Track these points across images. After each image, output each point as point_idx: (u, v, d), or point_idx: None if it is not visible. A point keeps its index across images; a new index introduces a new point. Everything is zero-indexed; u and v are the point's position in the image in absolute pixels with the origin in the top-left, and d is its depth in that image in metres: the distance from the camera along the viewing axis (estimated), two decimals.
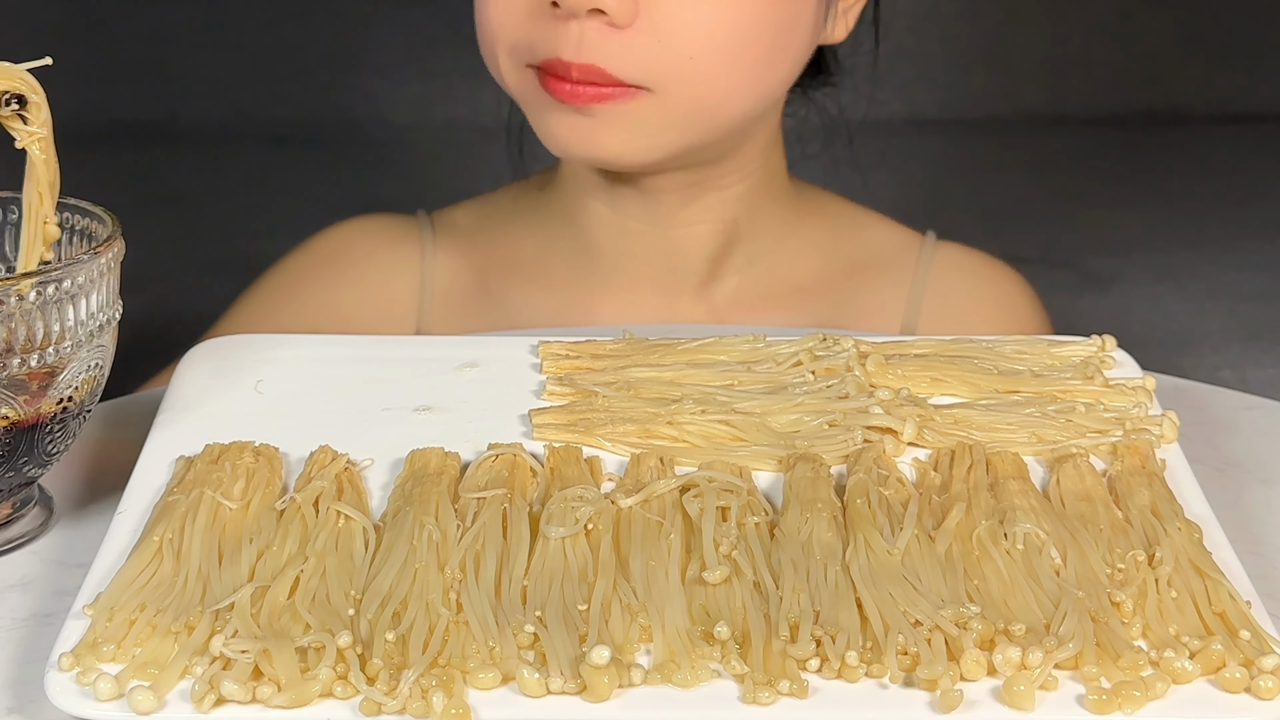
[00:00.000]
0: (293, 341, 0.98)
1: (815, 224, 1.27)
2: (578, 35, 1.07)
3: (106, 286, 0.83)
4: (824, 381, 0.91)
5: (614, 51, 1.07)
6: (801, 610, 0.72)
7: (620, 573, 0.75)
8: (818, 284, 1.25)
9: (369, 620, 0.71)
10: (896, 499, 0.81)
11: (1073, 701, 0.68)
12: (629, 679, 0.69)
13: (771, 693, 0.68)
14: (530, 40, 1.10)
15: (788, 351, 0.94)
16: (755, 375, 0.92)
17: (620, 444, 0.87)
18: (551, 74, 1.09)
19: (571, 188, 1.22)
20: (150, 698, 0.67)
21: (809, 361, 0.93)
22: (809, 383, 0.91)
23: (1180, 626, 0.72)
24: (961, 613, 0.71)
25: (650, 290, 1.22)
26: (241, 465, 0.82)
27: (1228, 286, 2.06)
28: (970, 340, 0.96)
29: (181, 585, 0.74)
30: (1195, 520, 0.80)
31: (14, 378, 0.80)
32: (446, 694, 0.67)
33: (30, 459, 0.82)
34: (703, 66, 1.09)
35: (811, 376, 0.92)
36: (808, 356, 0.93)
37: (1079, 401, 0.90)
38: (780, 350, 0.94)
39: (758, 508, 0.80)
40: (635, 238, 1.21)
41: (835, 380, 0.91)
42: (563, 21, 1.07)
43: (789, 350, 0.94)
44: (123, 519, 0.80)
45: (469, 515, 0.79)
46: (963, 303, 1.27)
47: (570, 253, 1.23)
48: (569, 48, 1.07)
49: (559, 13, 1.07)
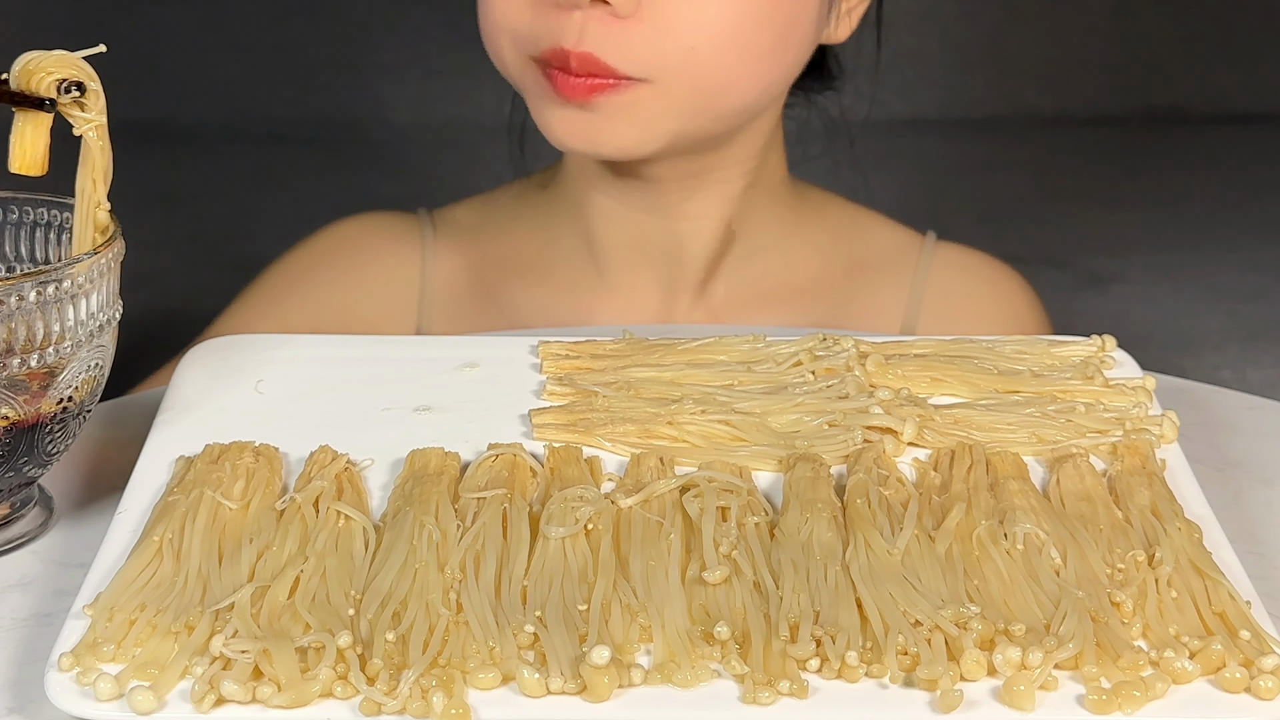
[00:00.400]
0: (293, 341, 0.98)
1: (815, 224, 1.27)
2: (580, 25, 1.08)
3: (106, 286, 0.83)
4: (824, 381, 0.91)
5: (615, 42, 1.08)
6: (801, 610, 0.72)
7: (620, 573, 0.75)
8: (817, 284, 1.26)
9: (369, 620, 0.71)
10: (896, 499, 0.81)
11: (1073, 701, 0.68)
12: (629, 679, 0.69)
13: (771, 693, 0.68)
14: (533, 30, 1.10)
15: (788, 351, 0.94)
16: (755, 375, 0.92)
17: (620, 444, 0.87)
18: (553, 66, 1.09)
19: (575, 182, 1.22)
20: (150, 698, 0.67)
21: (809, 362, 0.93)
22: (809, 383, 0.91)
23: (1180, 626, 0.72)
24: (961, 613, 0.71)
25: (651, 288, 1.22)
26: (241, 465, 0.82)
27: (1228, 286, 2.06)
28: (970, 340, 0.96)
29: (181, 585, 0.74)
30: (1195, 520, 0.80)
31: (14, 378, 0.80)
32: (446, 694, 0.67)
33: (30, 459, 0.82)
34: (703, 58, 1.09)
35: (812, 377, 0.92)
36: (808, 356, 0.93)
37: (1079, 401, 0.90)
38: (780, 350, 0.94)
39: (758, 508, 0.80)
40: (638, 230, 1.21)
41: (835, 380, 0.91)
42: (566, 11, 1.08)
43: (789, 350, 0.94)
44: (123, 519, 0.80)
45: (469, 515, 0.79)
46: (963, 303, 1.27)
47: (572, 250, 1.24)
48: (570, 37, 1.08)
49: (562, 2, 1.08)
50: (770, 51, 1.12)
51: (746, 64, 1.11)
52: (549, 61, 1.10)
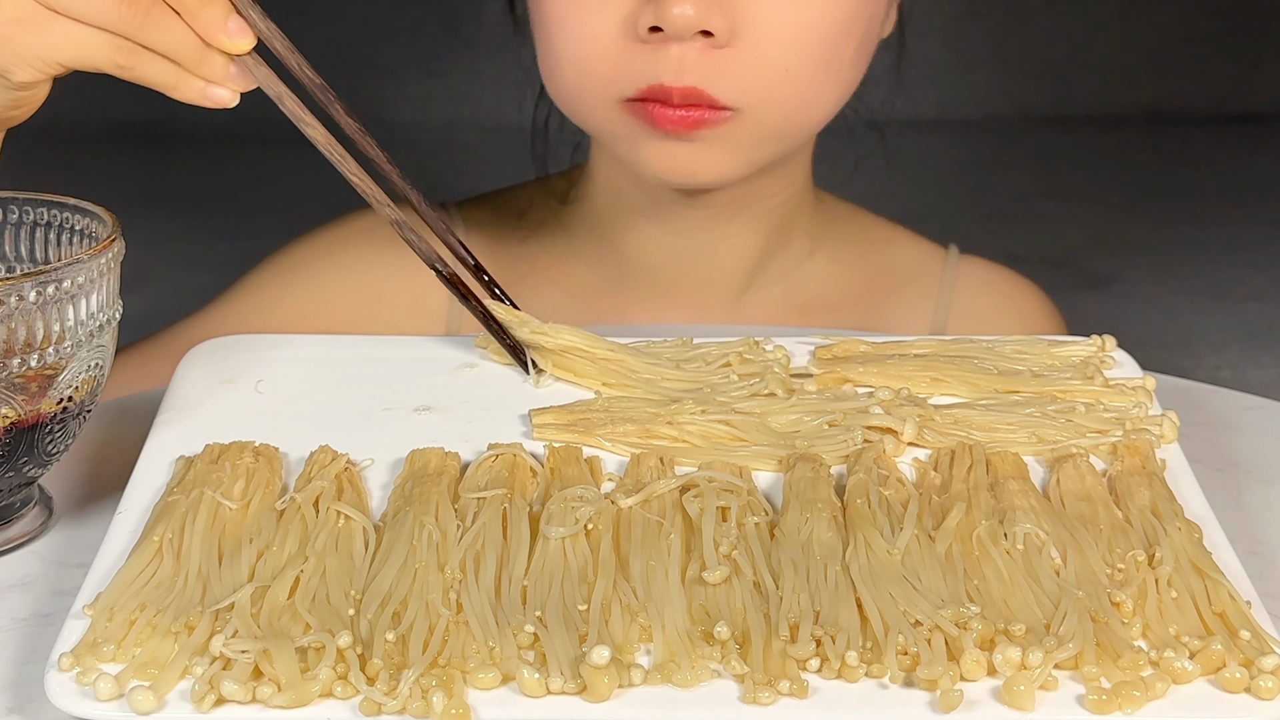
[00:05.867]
0: (293, 341, 0.98)
1: (842, 236, 1.27)
2: (678, 59, 1.05)
3: (106, 286, 0.83)
4: (747, 381, 0.91)
5: (714, 73, 1.05)
6: (801, 610, 0.72)
7: (620, 573, 0.75)
8: (845, 297, 1.25)
9: (369, 620, 0.71)
10: (896, 499, 0.81)
11: (1073, 701, 0.68)
12: (629, 679, 0.69)
13: (771, 693, 0.68)
14: (624, 71, 1.07)
15: (717, 354, 0.94)
16: (683, 373, 0.92)
17: (620, 444, 0.87)
18: (652, 101, 1.07)
19: (606, 203, 1.21)
20: (150, 698, 0.67)
21: (738, 364, 0.93)
22: (733, 383, 0.91)
23: (1180, 626, 0.72)
24: (961, 613, 0.71)
25: (681, 303, 1.22)
26: (241, 465, 0.82)
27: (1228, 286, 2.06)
28: (970, 340, 0.96)
29: (181, 585, 0.74)
30: (1195, 520, 0.80)
31: (14, 378, 0.80)
32: (446, 694, 0.67)
33: (30, 459, 0.82)
34: (796, 80, 1.07)
35: (735, 378, 0.92)
36: (737, 360, 0.93)
37: (1079, 401, 0.90)
38: (710, 352, 0.94)
39: (758, 508, 0.80)
40: (674, 253, 1.20)
41: (757, 379, 0.91)
42: (661, 46, 1.05)
43: (719, 352, 0.94)
44: (123, 519, 0.80)
45: (469, 515, 0.79)
46: (987, 317, 1.27)
47: (598, 265, 1.22)
48: (669, 72, 1.05)
49: (658, 38, 1.05)
50: (851, 60, 1.10)
51: (831, 77, 1.09)
52: (647, 98, 1.07)
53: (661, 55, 1.05)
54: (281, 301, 1.26)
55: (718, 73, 1.05)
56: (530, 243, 1.26)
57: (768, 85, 1.07)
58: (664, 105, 1.06)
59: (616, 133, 1.10)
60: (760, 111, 1.08)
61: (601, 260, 1.22)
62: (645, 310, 1.22)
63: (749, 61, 1.06)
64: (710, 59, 1.05)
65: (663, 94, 1.06)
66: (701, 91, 1.06)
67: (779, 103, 1.08)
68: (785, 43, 1.06)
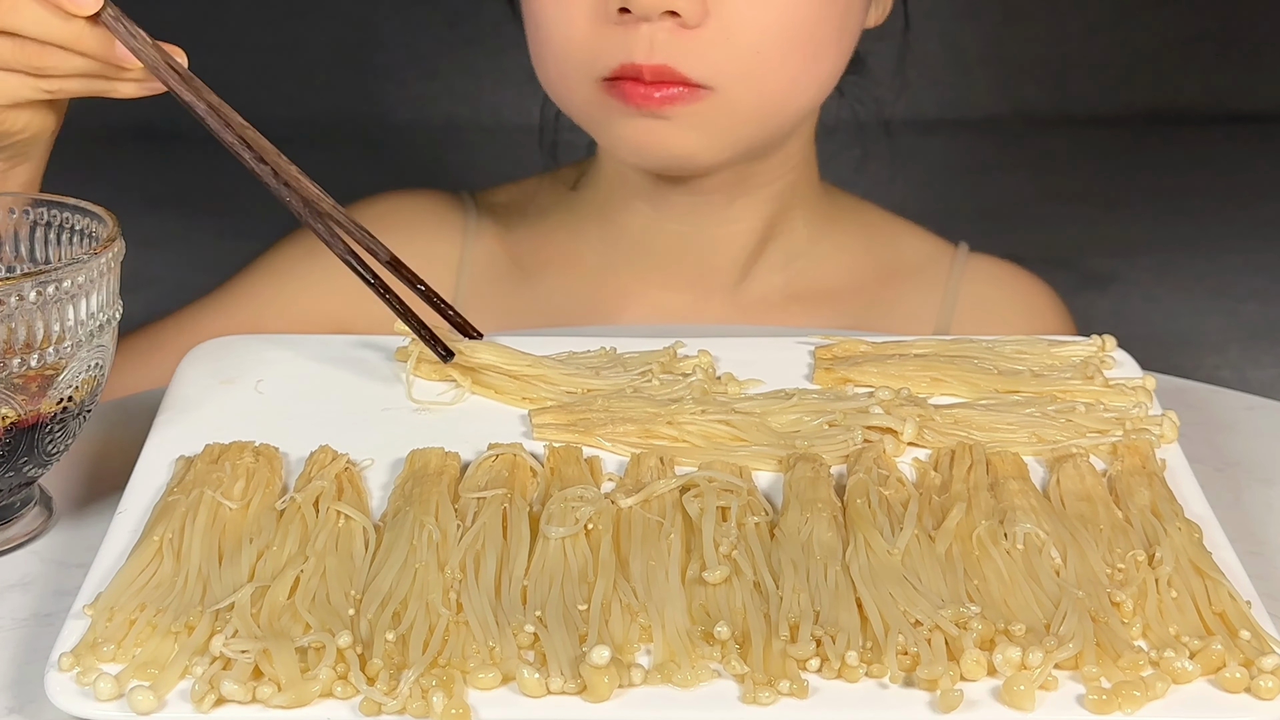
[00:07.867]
0: (293, 341, 0.98)
1: (848, 228, 1.28)
2: (649, 38, 1.08)
3: (106, 286, 0.83)
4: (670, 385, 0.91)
5: (685, 51, 1.08)
6: (801, 610, 0.72)
7: (620, 573, 0.75)
8: (849, 288, 1.26)
9: (369, 620, 0.71)
10: (896, 499, 0.81)
11: (1073, 701, 0.68)
12: (629, 679, 0.69)
13: (771, 693, 0.68)
14: (598, 52, 1.10)
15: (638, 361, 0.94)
16: (603, 381, 0.92)
17: (620, 444, 0.87)
18: (626, 79, 1.09)
19: (612, 188, 1.23)
20: (150, 698, 0.67)
21: (658, 371, 0.93)
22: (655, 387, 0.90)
23: (1180, 626, 0.72)
24: (961, 613, 0.71)
25: (683, 287, 1.23)
26: (241, 465, 0.82)
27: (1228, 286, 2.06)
28: (970, 340, 0.97)
29: (181, 585, 0.74)
30: (1195, 520, 0.80)
31: (14, 378, 0.80)
32: (446, 694, 0.67)
33: (30, 459, 0.82)
34: (768, 60, 1.09)
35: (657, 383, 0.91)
36: (658, 367, 0.93)
37: (1079, 401, 0.90)
38: (631, 360, 0.94)
39: (758, 508, 0.80)
40: (675, 238, 1.22)
41: (679, 384, 0.91)
42: (632, 26, 1.08)
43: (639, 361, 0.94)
44: (123, 519, 0.80)
45: (469, 515, 0.79)
46: (994, 313, 1.27)
47: (602, 248, 1.24)
48: (641, 50, 1.08)
49: (629, 18, 1.08)
50: (829, 45, 1.12)
51: (808, 62, 1.11)
52: (619, 77, 1.09)
53: (633, 35, 1.08)
54: (274, 300, 1.26)
55: (688, 51, 1.08)
56: (539, 228, 1.27)
57: (738, 62, 1.09)
58: (636, 82, 1.09)
59: (595, 115, 1.13)
60: (734, 90, 1.10)
61: (606, 245, 1.24)
62: (647, 295, 1.23)
63: (719, 41, 1.08)
64: (681, 38, 1.08)
65: (634, 71, 1.09)
66: (673, 69, 1.08)
67: (752, 81, 1.10)
68: (756, 23, 1.08)
